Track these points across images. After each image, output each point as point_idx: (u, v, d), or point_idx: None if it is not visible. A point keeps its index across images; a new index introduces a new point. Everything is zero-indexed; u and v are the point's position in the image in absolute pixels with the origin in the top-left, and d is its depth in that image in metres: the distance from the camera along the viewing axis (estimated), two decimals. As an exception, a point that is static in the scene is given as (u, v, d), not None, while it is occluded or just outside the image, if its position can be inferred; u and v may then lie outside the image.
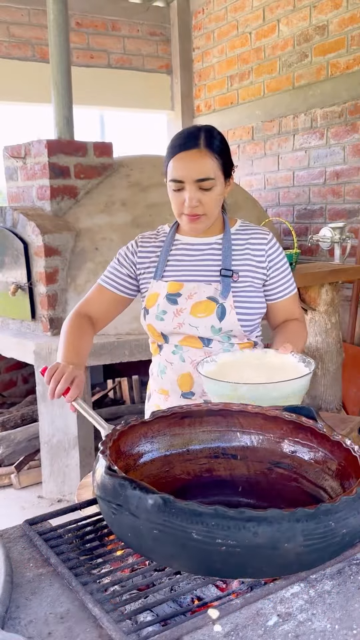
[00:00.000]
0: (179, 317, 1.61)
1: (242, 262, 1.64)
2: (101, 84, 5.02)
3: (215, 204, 1.58)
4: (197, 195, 1.54)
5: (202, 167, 1.52)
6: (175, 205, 1.62)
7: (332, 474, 1.01)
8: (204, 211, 1.57)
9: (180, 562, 0.80)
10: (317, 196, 4.26)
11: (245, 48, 4.76)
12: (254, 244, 1.65)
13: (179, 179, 1.55)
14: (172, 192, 1.60)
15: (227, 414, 1.13)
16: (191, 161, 1.52)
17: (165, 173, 1.61)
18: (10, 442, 3.40)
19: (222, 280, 1.60)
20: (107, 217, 3.40)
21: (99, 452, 0.90)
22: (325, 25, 4.04)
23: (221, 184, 1.58)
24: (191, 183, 1.53)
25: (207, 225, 1.62)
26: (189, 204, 1.55)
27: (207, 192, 1.54)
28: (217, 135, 1.57)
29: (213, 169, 1.53)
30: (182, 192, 1.56)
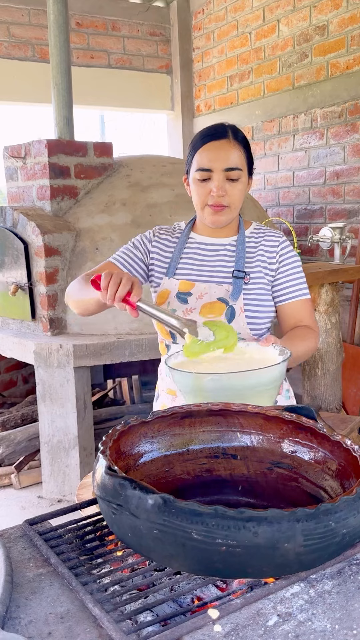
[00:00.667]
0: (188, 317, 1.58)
1: (255, 264, 1.63)
2: (101, 84, 5.03)
3: (240, 197, 1.58)
4: (224, 186, 1.54)
5: (231, 157, 1.53)
6: (198, 196, 1.58)
7: (332, 473, 1.01)
8: (228, 202, 1.56)
9: (180, 562, 0.80)
10: (317, 196, 4.26)
11: (245, 48, 4.76)
12: (266, 245, 1.65)
13: (207, 168, 1.53)
14: (197, 182, 1.57)
15: (227, 414, 1.13)
16: (220, 150, 1.53)
17: (188, 169, 1.60)
18: (10, 442, 3.40)
19: (234, 282, 1.59)
20: (107, 217, 3.40)
21: (99, 452, 0.90)
22: (325, 25, 4.04)
23: (245, 179, 1.58)
24: (219, 172, 1.53)
25: (229, 220, 1.61)
26: (216, 193, 1.53)
27: (234, 184, 1.54)
28: (241, 132, 1.60)
29: (240, 160, 1.54)
30: (208, 182, 1.55)
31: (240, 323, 1.57)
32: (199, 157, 1.55)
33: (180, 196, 3.57)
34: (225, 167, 1.52)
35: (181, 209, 3.49)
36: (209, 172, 1.54)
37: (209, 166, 1.53)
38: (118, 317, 3.28)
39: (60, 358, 3.08)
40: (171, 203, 3.51)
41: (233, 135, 1.55)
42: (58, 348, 3.08)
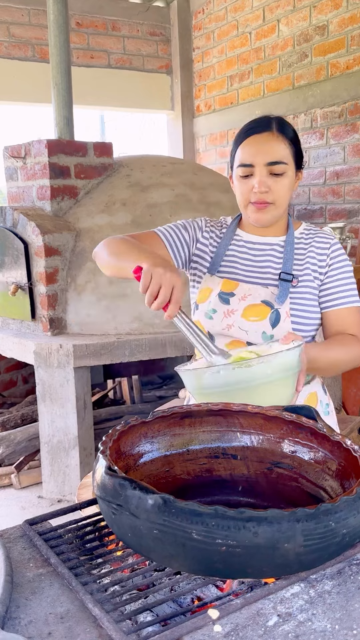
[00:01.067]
0: (229, 318, 1.50)
1: (304, 266, 1.53)
2: (101, 84, 5.03)
3: (286, 193, 1.48)
4: (267, 181, 1.44)
5: (274, 150, 1.44)
6: (241, 193, 1.50)
7: (332, 474, 1.01)
8: (273, 199, 1.46)
9: (180, 562, 0.80)
10: (317, 196, 4.26)
11: (245, 48, 4.76)
12: (317, 247, 1.55)
13: (248, 163, 1.45)
14: (240, 179, 1.48)
15: (227, 414, 1.12)
16: (263, 144, 1.44)
17: (231, 164, 1.52)
18: (10, 442, 3.40)
19: (281, 285, 1.49)
20: (107, 217, 3.40)
21: (99, 452, 0.90)
22: (325, 25, 4.04)
23: (292, 173, 1.48)
24: (261, 167, 1.44)
25: (274, 218, 1.51)
26: (258, 189, 1.44)
27: (278, 179, 1.45)
28: (289, 124, 1.50)
29: (285, 153, 1.45)
30: (251, 178, 1.46)
31: (285, 328, 1.47)
32: (240, 152, 1.47)
33: (180, 196, 3.57)
34: (268, 161, 1.43)
35: (181, 209, 3.49)
36: (251, 168, 1.45)
37: (250, 161, 1.44)
38: (118, 317, 3.28)
39: (60, 358, 3.08)
40: (171, 203, 3.51)
41: (277, 128, 1.45)
42: (58, 348, 3.08)
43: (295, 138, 1.49)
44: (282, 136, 1.45)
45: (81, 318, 3.31)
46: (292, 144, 1.47)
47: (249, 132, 1.47)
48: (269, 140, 1.44)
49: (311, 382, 1.56)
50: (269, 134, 1.45)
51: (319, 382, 1.60)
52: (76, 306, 3.31)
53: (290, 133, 1.48)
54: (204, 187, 3.70)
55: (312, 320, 1.51)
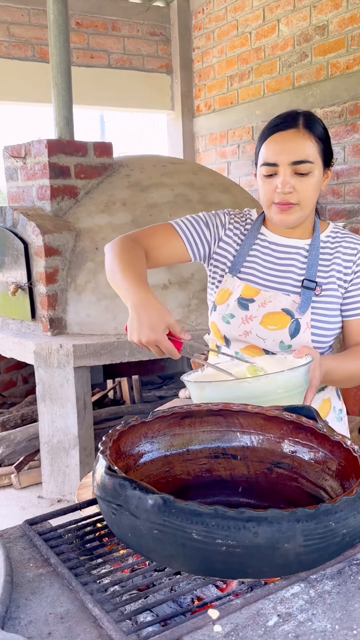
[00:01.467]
0: (247, 325, 1.44)
1: (329, 273, 1.45)
2: (101, 84, 5.03)
3: (312, 194, 1.40)
4: (292, 181, 1.37)
5: (299, 148, 1.35)
6: (264, 193, 1.42)
7: (332, 474, 1.01)
8: (297, 200, 1.38)
9: (180, 562, 0.80)
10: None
11: (245, 48, 4.76)
12: (343, 252, 1.47)
13: (272, 162, 1.37)
14: (263, 178, 1.41)
15: (227, 414, 1.12)
16: (288, 141, 1.36)
17: (256, 162, 1.45)
18: (10, 442, 3.40)
19: (303, 293, 1.42)
20: (107, 217, 3.40)
21: (99, 452, 0.90)
22: (325, 25, 4.04)
23: (319, 173, 1.40)
24: (285, 166, 1.36)
25: (299, 219, 1.43)
26: (282, 190, 1.36)
27: (303, 179, 1.37)
28: (318, 119, 1.41)
29: (312, 152, 1.36)
30: (274, 178, 1.38)
31: (304, 340, 1.41)
32: (264, 149, 1.39)
33: (180, 196, 3.57)
34: (293, 160, 1.35)
35: (181, 209, 3.49)
36: (275, 167, 1.37)
37: (274, 160, 1.36)
38: (118, 317, 3.28)
39: (60, 358, 3.08)
40: (171, 203, 3.51)
41: (305, 124, 1.37)
42: (58, 348, 3.08)
43: (324, 135, 1.41)
44: (308, 133, 1.37)
45: (81, 318, 3.31)
46: (320, 141, 1.39)
47: (274, 129, 1.39)
48: (295, 137, 1.36)
49: (325, 389, 1.53)
50: (294, 131, 1.37)
51: (333, 387, 1.56)
52: (76, 306, 3.31)
53: (319, 129, 1.39)
54: (204, 187, 3.70)
55: (333, 330, 1.46)
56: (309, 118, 1.40)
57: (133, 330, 1.24)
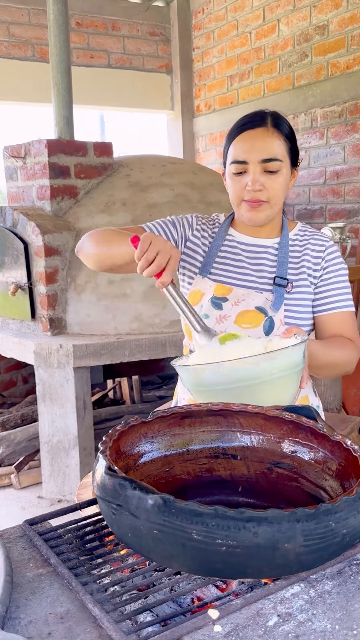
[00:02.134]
0: (222, 324, 1.45)
1: (299, 270, 1.48)
2: (101, 84, 5.03)
3: (281, 192, 1.42)
4: (261, 179, 1.39)
5: (268, 147, 1.38)
6: (234, 191, 1.45)
7: (332, 474, 1.01)
8: (267, 197, 1.41)
9: (180, 562, 0.80)
10: (317, 196, 4.26)
11: (245, 48, 4.76)
12: (312, 249, 1.50)
13: (242, 160, 1.40)
14: (233, 177, 1.43)
15: (227, 414, 1.12)
16: (257, 140, 1.39)
17: (224, 161, 1.48)
18: (10, 442, 3.40)
19: (275, 290, 1.44)
20: (107, 217, 3.40)
21: (99, 452, 0.90)
22: (326, 25, 4.04)
23: (287, 171, 1.43)
24: (255, 164, 1.38)
25: (268, 217, 1.45)
26: (252, 187, 1.39)
27: (273, 176, 1.39)
28: (285, 119, 1.45)
29: (280, 150, 1.39)
30: (244, 175, 1.41)
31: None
32: (233, 148, 1.42)
33: (180, 196, 3.57)
34: (262, 158, 1.38)
35: (181, 209, 3.48)
36: (244, 165, 1.40)
37: (243, 158, 1.39)
38: (118, 317, 3.28)
39: (60, 358, 3.08)
40: (171, 203, 3.51)
41: (273, 123, 1.40)
42: (58, 348, 3.08)
43: (290, 134, 1.44)
44: (277, 132, 1.40)
45: (81, 318, 3.31)
46: (288, 140, 1.42)
47: (242, 128, 1.42)
48: (264, 136, 1.39)
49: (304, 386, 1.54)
50: (263, 129, 1.40)
51: (309, 385, 1.58)
52: (76, 306, 3.31)
53: (286, 129, 1.43)
54: (204, 187, 3.70)
55: (306, 326, 1.48)
56: (277, 117, 1.43)
57: (148, 236, 1.23)
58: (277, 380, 1.14)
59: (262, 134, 1.39)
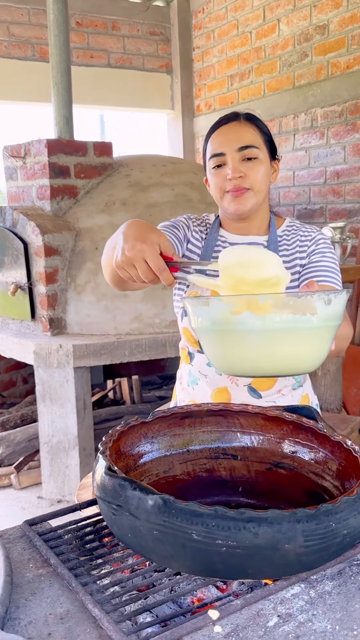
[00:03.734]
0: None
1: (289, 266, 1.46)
2: (101, 83, 5.02)
3: (262, 179, 1.42)
4: (241, 167, 1.40)
5: (243, 136, 1.41)
6: (215, 185, 1.45)
7: (333, 474, 1.01)
8: (249, 184, 1.41)
9: (181, 562, 0.80)
10: (318, 196, 4.25)
11: (246, 47, 4.75)
12: (301, 243, 1.49)
13: (219, 152, 1.42)
14: (213, 171, 1.45)
15: (228, 414, 1.12)
16: (231, 132, 1.43)
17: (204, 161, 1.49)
18: (10, 442, 3.40)
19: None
20: (107, 217, 3.40)
21: (99, 452, 0.90)
22: (326, 25, 4.03)
23: (266, 160, 1.44)
24: (233, 153, 1.40)
25: (253, 205, 1.44)
26: (232, 175, 1.39)
27: (251, 164, 1.41)
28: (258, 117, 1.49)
29: (255, 138, 1.42)
30: (224, 167, 1.42)
31: None
32: (210, 144, 1.46)
33: (180, 196, 3.57)
34: (238, 146, 1.40)
35: (181, 208, 3.48)
36: (223, 157, 1.42)
37: (220, 150, 1.42)
38: (118, 317, 3.28)
39: (60, 358, 3.08)
40: (171, 203, 3.51)
41: (245, 118, 1.45)
42: (58, 348, 3.08)
43: (265, 128, 1.47)
44: (250, 123, 1.44)
45: (81, 318, 3.31)
46: (263, 132, 1.45)
47: (216, 125, 1.47)
48: (238, 127, 1.43)
49: (303, 385, 1.55)
50: (236, 122, 1.44)
51: (309, 383, 1.60)
52: (76, 306, 3.31)
53: (260, 122, 1.46)
54: (204, 187, 3.67)
55: None
56: (250, 114, 1.47)
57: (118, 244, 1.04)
58: (322, 330, 0.93)
59: (235, 126, 1.43)
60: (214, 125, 1.48)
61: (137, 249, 1.03)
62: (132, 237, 1.05)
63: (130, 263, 1.03)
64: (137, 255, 1.02)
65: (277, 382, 1.49)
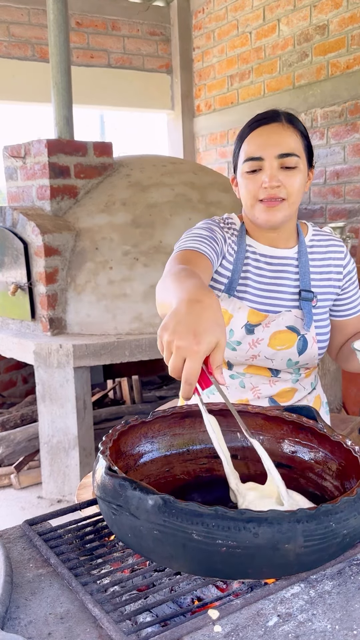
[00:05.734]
0: (255, 349, 1.36)
1: (321, 281, 1.41)
2: (101, 83, 5.02)
3: (299, 190, 1.33)
4: (279, 175, 1.29)
5: (285, 141, 1.30)
6: (248, 191, 1.33)
7: (333, 474, 1.01)
8: (286, 194, 1.30)
9: (181, 562, 0.80)
10: (317, 196, 4.25)
11: (246, 48, 4.75)
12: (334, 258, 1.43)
13: (257, 156, 1.30)
14: (246, 176, 1.32)
15: (228, 413, 1.12)
16: (272, 135, 1.30)
17: (234, 164, 1.38)
18: (10, 442, 3.40)
19: (304, 306, 1.36)
20: (107, 217, 3.40)
21: (99, 452, 0.90)
22: (326, 25, 4.04)
23: (305, 169, 1.34)
24: (272, 159, 1.29)
25: (286, 217, 1.34)
26: (269, 184, 1.28)
27: (290, 173, 1.30)
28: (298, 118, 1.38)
29: (297, 145, 1.31)
30: (259, 173, 1.31)
31: (312, 354, 1.38)
32: (247, 146, 1.32)
33: (180, 196, 3.57)
34: (279, 152, 1.29)
35: (181, 208, 3.48)
36: (260, 161, 1.30)
37: (259, 154, 1.30)
38: (118, 317, 3.28)
39: (60, 358, 3.08)
40: (171, 203, 3.51)
41: (287, 119, 1.33)
42: (58, 348, 3.08)
43: (306, 132, 1.38)
44: (292, 127, 1.33)
45: (81, 318, 3.31)
46: (304, 137, 1.35)
47: (255, 124, 1.34)
48: (279, 131, 1.31)
49: (316, 387, 1.56)
50: (278, 124, 1.32)
51: (319, 384, 1.60)
52: (76, 306, 3.31)
53: (301, 126, 1.36)
54: (204, 187, 3.70)
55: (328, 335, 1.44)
56: (291, 115, 1.37)
57: (170, 322, 0.86)
58: None
59: (277, 128, 1.31)
60: (252, 124, 1.35)
61: (183, 346, 0.84)
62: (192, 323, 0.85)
63: (169, 349, 0.86)
64: (181, 350, 0.84)
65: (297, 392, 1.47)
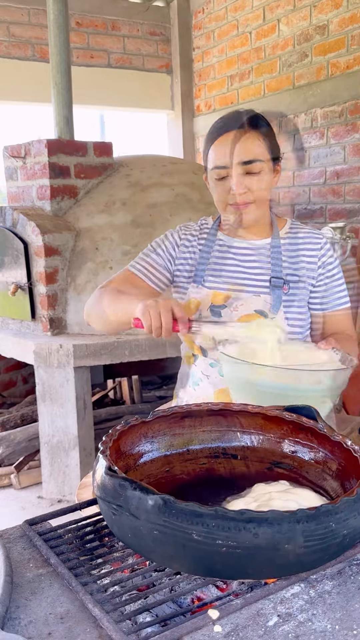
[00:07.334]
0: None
1: (294, 270, 1.46)
2: (101, 83, 5.02)
3: (265, 192, 1.41)
4: (245, 181, 1.37)
5: (247, 148, 1.36)
6: (218, 196, 1.43)
7: (333, 474, 1.01)
8: (253, 198, 1.39)
9: (181, 562, 0.80)
10: (317, 196, 4.25)
11: (246, 48, 4.75)
12: (308, 249, 1.48)
13: (222, 165, 1.38)
14: (215, 182, 1.42)
15: (228, 413, 1.12)
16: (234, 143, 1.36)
17: (205, 166, 1.46)
18: (10, 442, 3.40)
19: (273, 292, 1.42)
20: (107, 217, 3.40)
21: (99, 452, 0.90)
22: (326, 25, 4.03)
23: (270, 169, 1.41)
24: (236, 167, 1.36)
25: (256, 217, 1.43)
26: (237, 191, 1.37)
27: (255, 177, 1.37)
28: (261, 116, 1.43)
29: (260, 150, 1.38)
30: (227, 180, 1.39)
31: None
32: (212, 153, 1.41)
33: (180, 196, 3.57)
34: (242, 160, 1.36)
35: (181, 208, 3.48)
36: (226, 169, 1.38)
37: (224, 163, 1.38)
38: (118, 317, 3.27)
39: (60, 358, 3.08)
40: (171, 203, 3.51)
41: (249, 123, 1.38)
42: (58, 348, 3.08)
43: (269, 131, 1.42)
44: (255, 131, 1.38)
45: (81, 318, 3.30)
46: (267, 138, 1.40)
47: (217, 132, 1.40)
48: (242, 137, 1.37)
49: None
50: (240, 131, 1.38)
51: None
52: (76, 306, 3.31)
53: (264, 126, 1.41)
54: (204, 187, 3.67)
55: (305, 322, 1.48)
56: (253, 116, 1.41)
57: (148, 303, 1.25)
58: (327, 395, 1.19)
59: (239, 135, 1.37)
60: (215, 131, 1.41)
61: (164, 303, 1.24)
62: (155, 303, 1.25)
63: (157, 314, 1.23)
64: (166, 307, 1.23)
65: None
